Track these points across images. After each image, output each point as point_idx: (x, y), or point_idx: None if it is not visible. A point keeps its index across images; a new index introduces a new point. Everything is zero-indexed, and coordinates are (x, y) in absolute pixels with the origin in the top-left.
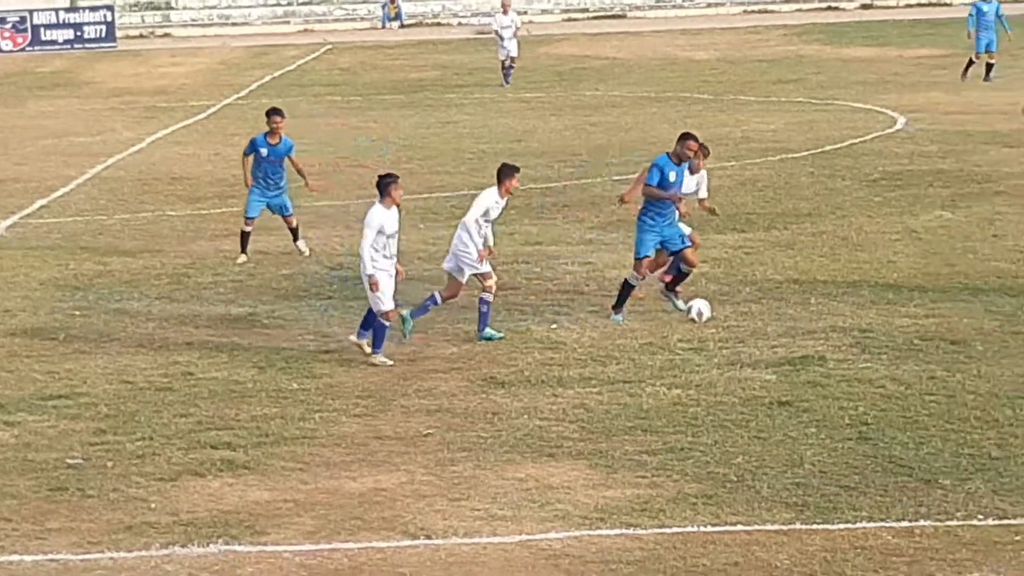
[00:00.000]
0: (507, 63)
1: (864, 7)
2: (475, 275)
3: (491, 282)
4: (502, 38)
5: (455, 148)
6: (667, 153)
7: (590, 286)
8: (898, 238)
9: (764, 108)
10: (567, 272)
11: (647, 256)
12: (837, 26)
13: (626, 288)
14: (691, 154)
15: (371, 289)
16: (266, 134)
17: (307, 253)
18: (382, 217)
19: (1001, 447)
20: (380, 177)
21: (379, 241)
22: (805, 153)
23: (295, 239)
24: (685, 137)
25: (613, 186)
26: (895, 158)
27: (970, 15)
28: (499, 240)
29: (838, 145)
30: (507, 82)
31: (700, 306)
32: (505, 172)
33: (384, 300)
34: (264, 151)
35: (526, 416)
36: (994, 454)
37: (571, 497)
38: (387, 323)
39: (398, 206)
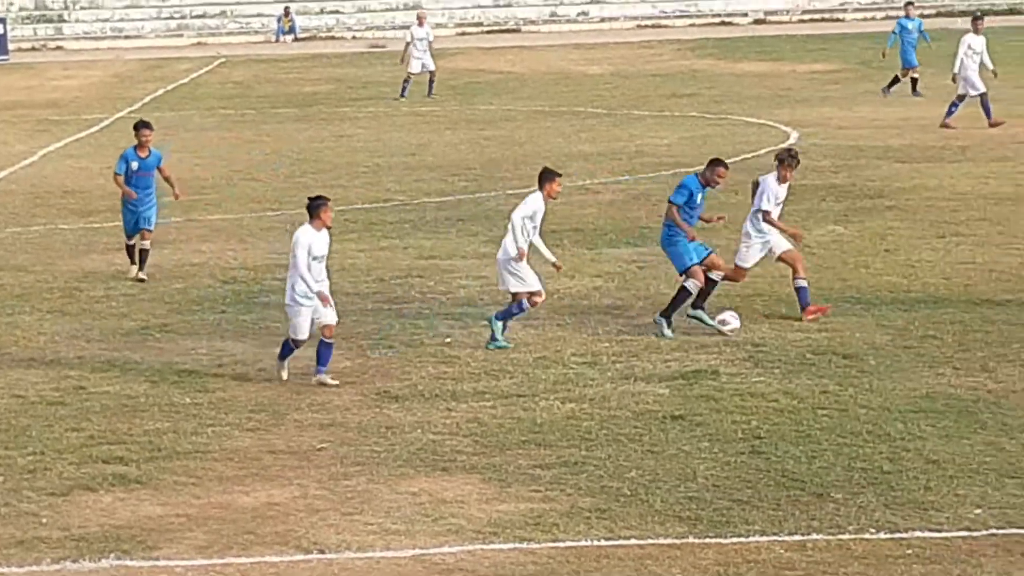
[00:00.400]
0: (425, 77)
1: (757, 22)
2: (526, 292)
3: (540, 298)
4: (416, 50)
5: (349, 162)
6: (696, 174)
7: (484, 300)
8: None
9: (658, 122)
10: (461, 286)
11: (695, 263)
12: (730, 41)
13: (683, 295)
14: (720, 180)
15: (323, 304)
16: (135, 147)
17: (144, 280)
18: (310, 238)
19: (893, 461)
20: (310, 199)
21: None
22: (699, 167)
23: (141, 265)
24: (715, 163)
25: (507, 200)
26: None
27: (893, 32)
28: (392, 254)
29: (731, 160)
30: (430, 94)
31: (726, 317)
32: (547, 176)
33: (301, 329)
34: (135, 164)
35: (420, 430)
36: (886, 468)
37: (464, 511)
38: (295, 347)
39: (328, 228)
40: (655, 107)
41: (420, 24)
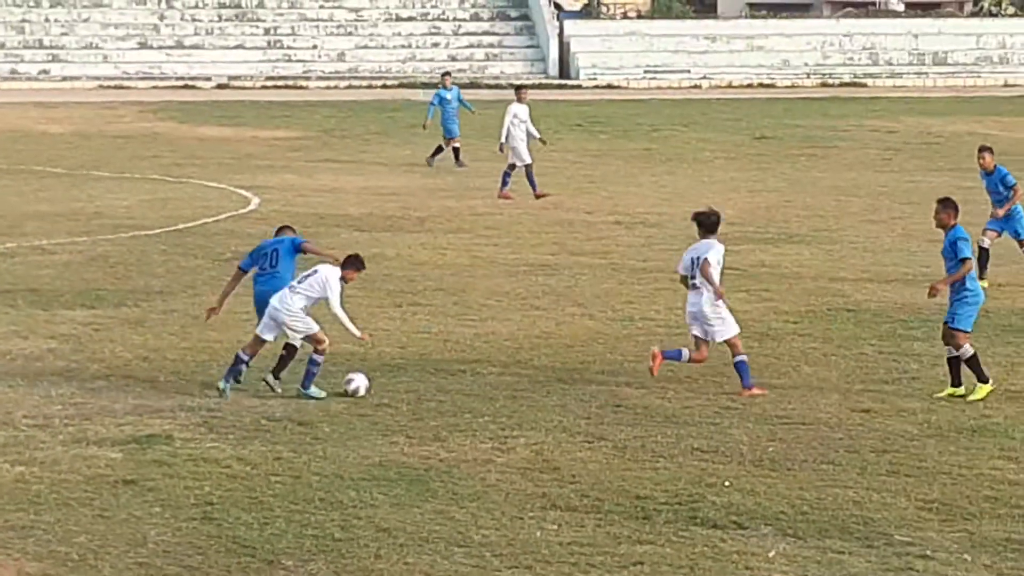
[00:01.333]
0: None
1: (220, 87)
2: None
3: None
4: None
5: None
6: None
7: None
8: (248, 318)
9: (118, 184)
10: None
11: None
12: (193, 105)
13: None
14: None
15: None
16: None
17: None
18: None
19: (344, 528)
20: None
21: None
22: (158, 231)
23: None
24: None
25: None
26: (248, 238)
27: (431, 104)
28: None
29: (191, 224)
30: None
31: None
32: (352, 263)
33: None
34: None
35: None
36: (337, 535)
37: None
38: None
39: None
40: (116, 168)
41: None
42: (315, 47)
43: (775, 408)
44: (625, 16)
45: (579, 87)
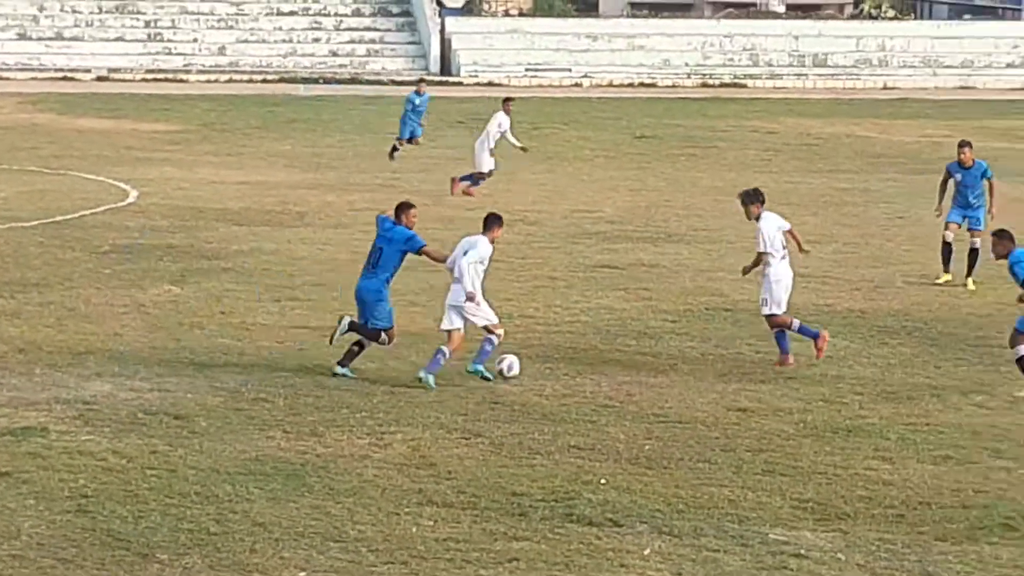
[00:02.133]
0: None
1: (100, 79)
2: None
3: (500, 330)
4: None
5: None
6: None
7: None
8: (125, 311)
9: None
10: None
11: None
12: (73, 96)
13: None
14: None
15: None
16: None
17: None
18: None
19: (220, 523)
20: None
21: None
22: (35, 223)
23: None
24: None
25: None
26: (126, 231)
27: (408, 102)
28: None
29: (69, 216)
30: None
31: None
32: (492, 221)
33: None
34: None
35: None
36: (213, 529)
37: None
38: None
39: None
40: None
41: None
42: (196, 40)
43: (652, 406)
44: (507, 14)
45: (460, 84)
